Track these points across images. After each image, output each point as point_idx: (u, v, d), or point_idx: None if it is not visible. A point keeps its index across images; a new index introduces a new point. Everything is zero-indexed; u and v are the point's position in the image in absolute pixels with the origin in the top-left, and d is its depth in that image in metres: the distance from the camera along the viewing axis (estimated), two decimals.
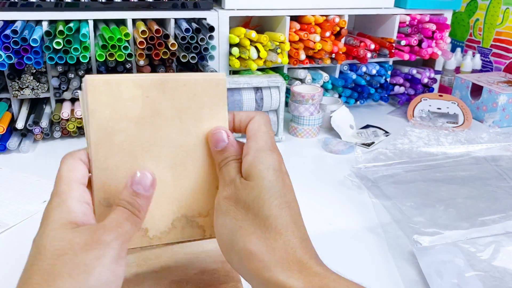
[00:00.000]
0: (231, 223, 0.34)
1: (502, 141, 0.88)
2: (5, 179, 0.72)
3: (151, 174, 0.34)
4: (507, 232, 0.59)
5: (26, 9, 0.80)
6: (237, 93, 0.84)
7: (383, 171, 0.76)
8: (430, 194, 0.69)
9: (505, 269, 0.52)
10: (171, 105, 0.37)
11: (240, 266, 0.34)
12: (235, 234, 0.33)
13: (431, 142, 0.88)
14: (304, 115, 0.91)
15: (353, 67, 1.09)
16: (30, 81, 0.83)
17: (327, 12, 1.00)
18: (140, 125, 0.37)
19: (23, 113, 0.85)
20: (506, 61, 1.20)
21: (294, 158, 0.85)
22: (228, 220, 0.34)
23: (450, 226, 0.60)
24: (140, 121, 0.37)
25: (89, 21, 0.84)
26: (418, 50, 1.08)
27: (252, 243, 0.32)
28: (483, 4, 1.26)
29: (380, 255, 0.56)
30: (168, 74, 0.38)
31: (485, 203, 0.67)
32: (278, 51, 0.94)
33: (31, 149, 0.83)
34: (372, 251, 0.57)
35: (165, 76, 0.37)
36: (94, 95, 0.35)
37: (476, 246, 0.56)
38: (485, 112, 1.04)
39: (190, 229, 0.40)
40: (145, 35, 0.80)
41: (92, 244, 0.30)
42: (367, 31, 1.14)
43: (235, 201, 0.34)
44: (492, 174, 0.76)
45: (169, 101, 0.37)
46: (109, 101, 0.36)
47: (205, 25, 0.86)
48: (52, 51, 0.77)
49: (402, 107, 1.13)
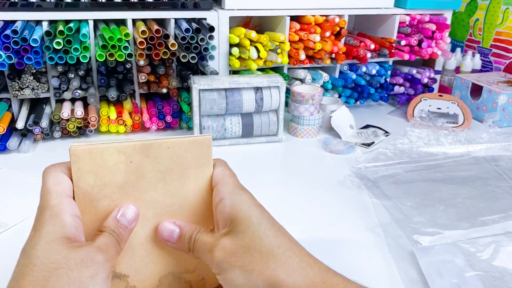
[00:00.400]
0: (241, 273, 0.34)
1: (502, 141, 0.88)
2: (5, 179, 0.72)
3: (136, 209, 0.36)
4: (507, 232, 0.59)
5: (26, 9, 0.80)
6: (237, 93, 0.84)
7: (383, 171, 0.76)
8: (430, 194, 0.69)
9: (505, 269, 0.52)
10: (155, 168, 0.38)
11: None
12: (251, 279, 0.34)
13: (431, 142, 0.88)
14: (304, 115, 0.91)
15: (353, 67, 1.09)
16: (30, 81, 0.83)
17: (327, 12, 1.00)
18: (124, 189, 0.38)
19: (23, 113, 0.85)
20: (506, 61, 1.20)
21: (294, 158, 0.85)
22: (238, 271, 0.34)
23: (450, 226, 0.60)
24: (124, 186, 0.38)
25: (89, 21, 0.84)
26: (418, 50, 1.08)
27: (271, 276, 0.33)
28: (483, 4, 1.26)
29: (380, 255, 0.56)
30: (153, 139, 0.38)
31: (485, 203, 0.67)
32: (278, 51, 0.94)
33: (31, 149, 0.83)
34: (372, 251, 0.57)
35: (148, 141, 0.38)
36: (78, 164, 0.36)
37: (476, 246, 0.56)
38: (485, 112, 1.04)
39: (177, 285, 0.41)
40: (145, 35, 0.80)
41: (88, 262, 0.31)
42: (367, 31, 1.14)
43: (232, 254, 0.35)
44: (492, 174, 0.76)
45: (153, 164, 0.38)
46: (93, 169, 0.37)
47: (205, 25, 0.86)
48: (52, 51, 0.77)
49: (402, 107, 1.13)
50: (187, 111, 0.91)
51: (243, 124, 0.87)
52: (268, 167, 0.81)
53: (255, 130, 0.88)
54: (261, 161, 0.83)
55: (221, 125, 0.86)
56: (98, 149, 0.37)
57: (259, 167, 0.80)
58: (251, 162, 0.82)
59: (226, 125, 0.86)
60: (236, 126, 0.87)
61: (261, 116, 0.88)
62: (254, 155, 0.85)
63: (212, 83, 0.82)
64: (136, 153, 0.38)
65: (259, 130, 0.89)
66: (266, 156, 0.85)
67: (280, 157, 0.86)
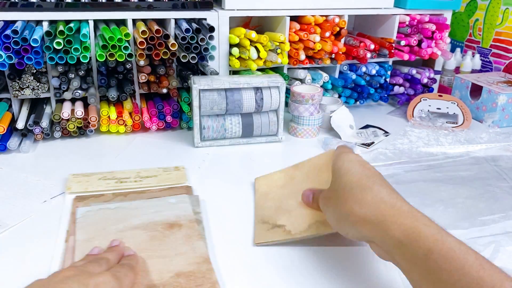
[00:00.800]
0: (333, 210, 0.48)
1: (501, 141, 0.88)
2: (5, 179, 0.72)
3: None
4: (507, 232, 0.59)
5: (27, 9, 0.80)
6: (237, 93, 0.84)
7: (383, 171, 0.76)
8: (430, 194, 0.69)
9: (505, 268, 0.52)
10: (300, 174, 0.66)
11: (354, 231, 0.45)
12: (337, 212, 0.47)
13: (430, 142, 0.88)
14: (304, 115, 0.91)
15: (353, 67, 1.09)
16: (30, 81, 0.83)
17: (327, 12, 1.00)
18: (283, 188, 0.65)
19: (24, 113, 0.86)
20: (505, 61, 1.20)
21: (294, 158, 0.84)
22: (331, 209, 0.49)
23: (450, 226, 0.60)
24: (284, 186, 0.66)
25: (90, 21, 0.84)
26: (418, 50, 1.08)
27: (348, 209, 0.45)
28: (482, 4, 1.26)
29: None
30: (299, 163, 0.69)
31: (484, 203, 0.67)
32: (278, 51, 0.94)
33: (31, 149, 0.83)
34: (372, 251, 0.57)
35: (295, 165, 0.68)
36: (258, 183, 0.70)
37: (476, 246, 0.56)
38: (484, 112, 1.04)
39: (323, 227, 0.54)
40: (145, 35, 0.81)
41: None
42: (367, 31, 1.14)
43: (327, 199, 0.50)
44: (492, 174, 0.76)
45: (299, 172, 0.66)
46: (266, 183, 0.69)
47: (205, 25, 0.86)
48: (53, 51, 0.77)
49: (401, 107, 1.13)
50: (187, 111, 0.91)
51: (243, 124, 0.87)
52: (268, 167, 0.81)
53: (255, 130, 0.89)
54: (261, 161, 0.83)
55: (221, 125, 0.86)
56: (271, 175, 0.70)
57: (259, 167, 0.80)
58: (251, 162, 0.82)
59: (226, 125, 0.86)
60: (236, 126, 0.87)
61: (261, 116, 0.88)
62: (254, 155, 0.85)
63: (212, 83, 0.82)
64: (291, 170, 0.68)
65: (259, 130, 0.89)
66: (266, 156, 0.85)
67: (280, 157, 0.86)
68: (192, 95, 0.83)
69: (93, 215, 0.57)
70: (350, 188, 0.45)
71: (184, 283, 0.47)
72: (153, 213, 0.59)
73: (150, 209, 0.59)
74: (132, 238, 0.53)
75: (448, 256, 0.36)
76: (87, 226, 0.55)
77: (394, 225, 0.40)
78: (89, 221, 0.56)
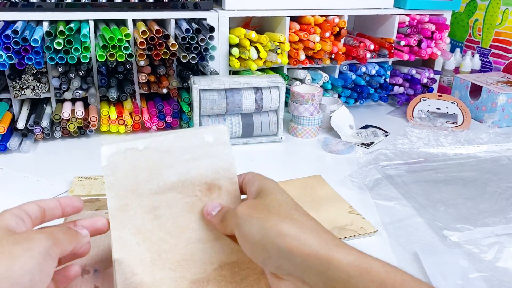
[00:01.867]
0: (257, 223, 0.37)
1: (501, 141, 0.88)
2: (6, 179, 0.72)
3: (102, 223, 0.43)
4: (510, 233, 0.59)
5: (27, 9, 0.80)
6: (237, 93, 0.85)
7: (384, 172, 0.76)
8: (431, 195, 0.69)
9: (509, 270, 0.52)
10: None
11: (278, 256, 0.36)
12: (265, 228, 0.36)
13: (431, 142, 0.88)
14: (304, 115, 0.91)
15: (352, 68, 1.09)
16: (30, 81, 0.83)
17: (327, 12, 1.01)
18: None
19: (24, 113, 0.86)
20: (505, 61, 1.20)
21: (294, 158, 0.85)
22: (255, 221, 0.37)
23: (451, 227, 0.60)
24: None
25: (90, 21, 0.84)
26: (418, 50, 1.08)
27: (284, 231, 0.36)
28: (482, 5, 1.26)
29: (383, 256, 0.55)
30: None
31: (485, 204, 0.67)
32: (278, 52, 0.94)
33: (31, 149, 0.83)
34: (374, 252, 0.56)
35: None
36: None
37: (480, 247, 0.56)
38: (484, 112, 1.04)
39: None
40: (146, 36, 0.81)
41: (21, 239, 0.34)
42: (367, 32, 1.14)
43: (253, 208, 0.39)
44: (492, 174, 0.76)
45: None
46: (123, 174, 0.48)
47: (205, 25, 0.86)
48: (53, 51, 0.77)
49: (401, 107, 1.13)
50: (187, 111, 0.91)
51: (243, 124, 0.87)
52: (268, 167, 0.81)
53: (255, 130, 0.89)
54: (261, 161, 0.83)
55: None
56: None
57: (259, 167, 0.80)
58: (251, 162, 0.82)
59: (226, 125, 0.86)
60: (236, 126, 0.87)
61: (261, 116, 0.88)
62: (254, 155, 0.85)
63: (212, 83, 0.82)
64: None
65: (259, 130, 0.89)
66: (266, 156, 0.85)
67: (280, 157, 0.86)
68: (192, 95, 0.83)
69: (121, 161, 0.45)
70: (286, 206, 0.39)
71: (229, 276, 0.43)
72: (189, 161, 0.47)
73: (185, 154, 0.47)
74: (169, 209, 0.45)
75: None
76: (116, 184, 0.44)
77: (341, 255, 0.33)
78: (117, 174, 0.45)
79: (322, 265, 0.33)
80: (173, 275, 0.43)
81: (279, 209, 0.38)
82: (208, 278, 0.43)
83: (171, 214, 0.45)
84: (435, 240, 0.58)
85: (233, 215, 0.40)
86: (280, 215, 0.37)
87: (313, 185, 0.72)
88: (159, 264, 0.43)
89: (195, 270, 0.43)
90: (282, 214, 0.37)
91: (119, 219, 0.44)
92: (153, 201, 0.45)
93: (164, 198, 0.45)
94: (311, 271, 0.34)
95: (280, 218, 0.37)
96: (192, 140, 0.48)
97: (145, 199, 0.45)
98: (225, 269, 0.44)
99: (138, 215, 0.44)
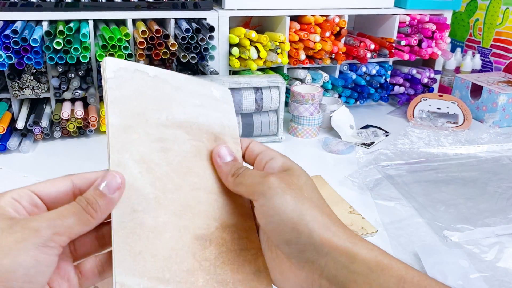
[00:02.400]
0: (292, 201, 0.35)
1: (502, 141, 0.88)
2: (5, 179, 0.72)
3: (120, 177, 0.34)
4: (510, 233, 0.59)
5: (26, 9, 0.80)
6: (237, 93, 0.84)
7: (384, 172, 0.76)
8: (431, 195, 0.69)
9: (510, 270, 0.52)
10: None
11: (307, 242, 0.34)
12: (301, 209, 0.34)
13: (431, 142, 0.88)
14: (304, 115, 0.91)
15: (353, 67, 1.09)
16: (30, 81, 0.83)
17: (327, 12, 1.00)
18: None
19: (23, 113, 0.85)
20: (506, 61, 1.20)
21: (294, 158, 0.84)
22: (289, 197, 0.35)
23: (451, 227, 0.60)
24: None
25: (89, 21, 0.84)
26: (418, 50, 1.08)
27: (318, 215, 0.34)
28: (483, 4, 1.26)
29: None
30: None
31: (486, 204, 0.67)
32: (278, 51, 0.94)
33: (31, 149, 0.83)
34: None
35: None
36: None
37: (480, 247, 0.56)
38: (485, 112, 1.04)
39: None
40: (145, 35, 0.80)
41: (16, 229, 0.30)
42: (367, 31, 1.14)
43: (288, 184, 0.36)
44: (493, 174, 0.76)
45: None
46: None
47: (205, 25, 0.86)
48: (52, 51, 0.77)
49: (402, 107, 1.13)
50: None
51: (243, 124, 0.87)
52: None
53: (255, 130, 0.88)
54: None
55: None
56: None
57: None
58: None
59: None
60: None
61: (261, 116, 0.88)
62: None
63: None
64: None
65: (259, 130, 0.89)
66: None
67: None
68: None
69: (129, 79, 0.39)
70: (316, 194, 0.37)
71: (229, 242, 0.38)
72: (198, 107, 0.43)
73: (195, 98, 0.43)
74: (177, 145, 0.39)
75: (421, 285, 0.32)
76: (121, 101, 0.38)
77: (364, 250, 0.33)
78: (123, 90, 0.38)
79: (348, 258, 0.33)
80: (177, 222, 0.36)
81: (311, 195, 0.36)
82: (211, 237, 0.38)
83: (179, 151, 0.39)
84: (436, 240, 0.58)
85: (262, 181, 0.36)
86: (313, 201, 0.35)
87: None
88: (163, 204, 0.36)
89: (199, 222, 0.37)
90: (314, 201, 0.36)
91: (121, 141, 0.36)
92: (160, 131, 0.39)
93: (172, 133, 0.39)
94: (334, 262, 0.33)
95: (312, 204, 0.35)
96: (201, 88, 0.44)
97: (152, 127, 0.38)
98: (226, 232, 0.39)
99: (143, 141, 0.37)
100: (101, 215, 0.33)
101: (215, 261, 0.37)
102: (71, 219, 0.32)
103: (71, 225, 0.32)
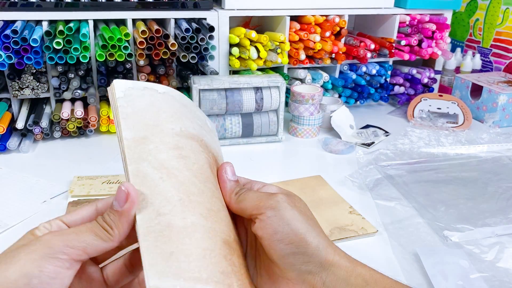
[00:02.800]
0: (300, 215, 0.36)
1: (502, 141, 0.88)
2: (5, 179, 0.72)
3: (126, 188, 0.34)
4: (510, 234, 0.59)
5: (26, 9, 0.80)
6: (237, 93, 0.84)
7: (384, 172, 0.76)
8: (431, 195, 0.69)
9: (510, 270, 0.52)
10: None
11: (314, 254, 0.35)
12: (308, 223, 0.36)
13: (431, 142, 0.88)
14: (304, 115, 0.91)
15: (353, 67, 1.09)
16: (30, 81, 0.83)
17: (327, 12, 1.00)
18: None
19: (23, 113, 0.85)
20: (506, 61, 1.20)
21: (294, 158, 0.85)
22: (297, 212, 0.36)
23: (452, 227, 0.60)
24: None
25: (89, 21, 0.84)
26: (418, 50, 1.08)
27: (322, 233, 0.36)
28: (483, 4, 1.26)
29: (384, 256, 0.56)
30: None
31: (486, 204, 0.66)
32: (278, 51, 0.94)
33: (31, 149, 0.83)
34: (375, 252, 0.57)
35: None
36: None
37: (480, 247, 0.56)
38: (485, 112, 1.04)
39: None
40: (145, 35, 0.80)
41: (33, 243, 0.32)
42: (367, 31, 1.14)
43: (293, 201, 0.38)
44: (493, 174, 0.76)
45: None
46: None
47: (205, 25, 0.86)
48: (52, 51, 0.77)
49: (402, 107, 1.13)
50: None
51: (243, 124, 0.87)
52: (268, 167, 0.81)
53: (255, 130, 0.88)
54: (261, 161, 0.83)
55: (221, 125, 0.86)
56: None
57: (259, 167, 0.80)
58: (251, 162, 0.82)
59: (226, 125, 0.86)
60: (236, 126, 0.87)
61: (261, 116, 0.88)
62: (254, 155, 0.85)
63: (212, 83, 0.82)
64: None
65: (259, 130, 0.89)
66: (266, 156, 0.85)
67: (280, 157, 0.86)
68: (192, 95, 0.83)
69: (139, 96, 0.39)
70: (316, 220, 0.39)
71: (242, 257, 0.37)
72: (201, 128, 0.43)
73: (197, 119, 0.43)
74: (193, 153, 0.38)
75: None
76: (133, 116, 0.37)
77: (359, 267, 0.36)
78: (135, 106, 0.38)
79: (346, 272, 0.36)
80: (205, 223, 0.35)
81: (311, 217, 0.38)
82: (233, 246, 0.36)
83: (196, 159, 0.38)
84: (436, 240, 0.58)
85: (270, 197, 0.37)
86: (314, 222, 0.37)
87: (313, 185, 0.72)
88: (189, 206, 0.35)
89: (223, 228, 0.36)
90: (315, 222, 0.38)
91: (137, 152, 0.35)
92: (176, 140, 0.38)
93: (188, 143, 0.39)
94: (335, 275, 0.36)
95: (315, 224, 0.37)
96: (200, 115, 0.44)
97: (168, 136, 0.38)
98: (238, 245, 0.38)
99: (161, 149, 0.37)
100: (118, 230, 0.34)
101: (240, 269, 0.36)
102: (88, 235, 0.33)
103: (87, 240, 0.33)
